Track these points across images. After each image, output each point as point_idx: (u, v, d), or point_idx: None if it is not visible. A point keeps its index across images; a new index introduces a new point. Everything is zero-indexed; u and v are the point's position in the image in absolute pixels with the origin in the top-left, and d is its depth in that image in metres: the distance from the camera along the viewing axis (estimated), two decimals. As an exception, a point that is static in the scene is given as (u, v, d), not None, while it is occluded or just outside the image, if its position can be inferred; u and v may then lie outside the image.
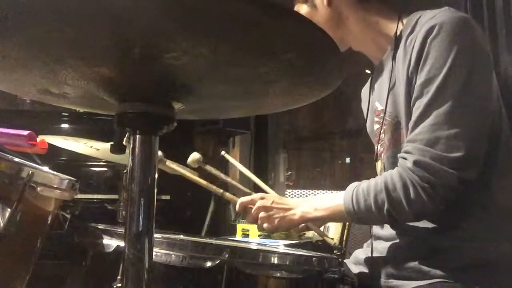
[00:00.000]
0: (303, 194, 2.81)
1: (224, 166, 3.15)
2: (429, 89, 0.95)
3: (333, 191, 2.26)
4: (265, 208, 1.15)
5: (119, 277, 0.77)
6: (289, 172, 3.32)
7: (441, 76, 0.94)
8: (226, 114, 1.20)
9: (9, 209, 0.85)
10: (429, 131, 0.94)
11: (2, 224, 0.84)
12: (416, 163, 0.94)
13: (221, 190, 1.24)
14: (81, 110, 0.83)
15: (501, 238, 1.00)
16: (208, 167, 1.34)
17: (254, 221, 1.18)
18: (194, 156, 1.31)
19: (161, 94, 0.62)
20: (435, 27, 0.96)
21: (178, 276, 0.85)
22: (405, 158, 0.97)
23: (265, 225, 1.15)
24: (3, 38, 0.50)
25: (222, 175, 1.34)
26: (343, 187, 1.10)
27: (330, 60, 0.58)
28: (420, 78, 0.97)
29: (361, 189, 1.02)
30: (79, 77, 0.60)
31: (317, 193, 2.73)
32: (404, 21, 1.09)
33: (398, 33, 1.08)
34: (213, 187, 1.24)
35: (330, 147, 3.08)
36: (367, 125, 1.28)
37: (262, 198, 1.18)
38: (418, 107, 0.97)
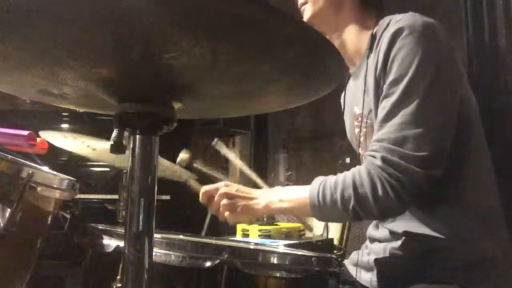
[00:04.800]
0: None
1: (224, 167, 3.15)
2: (396, 89, 0.97)
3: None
4: (228, 195, 1.13)
5: (119, 277, 0.77)
6: (289, 172, 3.32)
7: (407, 76, 0.96)
8: (226, 114, 1.20)
9: (9, 209, 0.85)
10: (396, 130, 0.95)
11: (2, 224, 0.84)
12: (384, 161, 0.94)
13: (185, 177, 1.21)
14: (81, 110, 0.83)
15: (493, 238, 1.01)
16: (199, 165, 1.32)
17: (217, 209, 1.14)
18: (183, 155, 1.28)
19: (161, 94, 0.63)
20: (401, 29, 0.98)
21: (178, 276, 0.85)
22: (373, 156, 0.97)
23: (226, 213, 1.12)
24: (3, 39, 0.50)
25: (213, 172, 1.32)
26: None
27: (329, 59, 0.58)
28: (388, 79, 0.99)
29: (328, 184, 1.01)
30: (79, 78, 0.60)
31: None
32: (377, 26, 1.10)
33: (372, 37, 1.09)
34: (177, 174, 1.21)
35: (330, 147, 3.07)
36: (347, 130, 1.30)
37: (226, 186, 1.15)
38: (384, 107, 0.99)
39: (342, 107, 1.34)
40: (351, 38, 1.17)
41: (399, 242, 1.08)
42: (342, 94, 1.34)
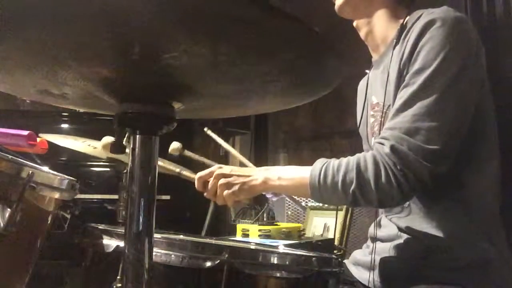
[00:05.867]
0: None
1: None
2: (417, 79, 0.96)
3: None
4: (224, 175, 1.11)
5: (119, 277, 0.77)
6: (289, 172, 3.32)
7: (431, 68, 0.95)
8: (226, 114, 1.20)
9: (9, 209, 0.85)
10: (410, 120, 0.94)
11: (2, 224, 0.84)
12: (392, 149, 0.93)
13: (178, 169, 1.17)
14: (81, 110, 0.83)
15: (494, 240, 1.01)
16: (189, 153, 1.31)
17: (214, 192, 1.12)
18: (174, 145, 1.26)
19: (161, 94, 0.63)
20: (433, 21, 0.96)
21: (178, 276, 0.85)
22: (382, 144, 0.96)
23: (225, 192, 1.10)
24: (3, 40, 0.50)
25: (205, 159, 1.31)
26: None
27: (329, 59, 0.58)
28: (411, 69, 0.98)
29: (331, 165, 0.99)
30: (79, 78, 0.60)
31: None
32: (408, 17, 1.09)
33: (401, 28, 1.07)
34: (170, 168, 1.19)
35: (330, 147, 3.07)
36: (360, 119, 1.28)
37: (220, 168, 1.14)
38: (402, 96, 0.97)
39: (359, 95, 1.33)
40: (380, 26, 1.15)
41: (400, 242, 1.08)
42: (360, 82, 1.33)
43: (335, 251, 1.74)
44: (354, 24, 1.20)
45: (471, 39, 0.98)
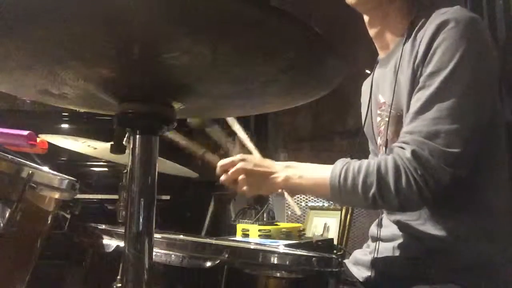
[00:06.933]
0: (303, 194, 2.80)
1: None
2: (433, 82, 0.95)
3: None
4: (246, 171, 1.10)
5: (119, 277, 0.77)
6: (289, 172, 3.32)
7: (447, 69, 0.94)
8: (226, 114, 1.20)
9: (9, 209, 0.85)
10: (429, 124, 0.93)
11: (2, 224, 0.84)
12: (414, 154, 0.93)
13: (203, 150, 1.16)
14: (81, 110, 0.83)
15: (497, 241, 1.00)
16: (211, 132, 1.25)
17: (233, 182, 1.12)
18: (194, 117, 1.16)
19: (161, 94, 0.63)
20: (446, 21, 0.95)
21: (178, 276, 0.85)
22: (402, 148, 0.96)
23: (245, 187, 1.10)
24: (3, 39, 0.50)
25: (224, 140, 1.26)
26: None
27: (329, 59, 0.58)
28: (426, 71, 0.97)
29: (352, 167, 0.99)
30: (79, 78, 0.60)
31: (317, 193, 2.71)
32: (419, 14, 1.07)
33: (410, 25, 1.06)
34: (194, 146, 1.17)
35: (330, 147, 3.07)
36: (365, 119, 1.27)
37: (242, 160, 1.12)
38: (419, 98, 0.96)
39: (363, 94, 1.30)
40: (393, 23, 1.12)
41: (402, 242, 1.08)
42: (365, 81, 1.31)
43: (335, 251, 1.74)
44: (366, 19, 1.16)
45: (485, 40, 0.98)
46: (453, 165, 0.92)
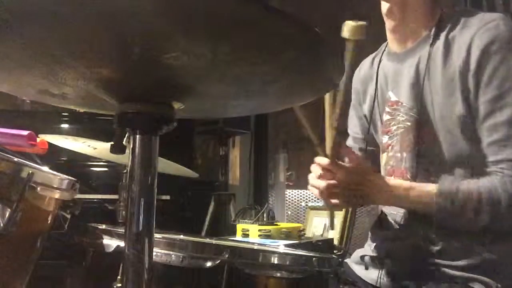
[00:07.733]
0: (303, 194, 2.81)
1: (224, 167, 3.15)
2: (505, 105, 0.94)
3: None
4: (350, 189, 1.06)
5: (119, 277, 0.77)
6: (289, 172, 3.32)
7: None
8: (226, 114, 1.20)
9: (9, 209, 0.85)
10: None
11: (2, 224, 0.84)
12: None
13: (318, 141, 1.10)
14: (81, 110, 0.83)
15: (500, 241, 1.00)
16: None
17: (325, 193, 1.06)
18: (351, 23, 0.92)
19: (161, 94, 0.62)
20: (495, 41, 0.95)
21: (178, 276, 0.85)
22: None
23: (334, 200, 1.06)
24: (3, 39, 0.50)
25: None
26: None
27: (329, 59, 0.58)
28: (488, 92, 0.95)
29: (461, 190, 0.97)
30: (79, 78, 0.60)
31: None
32: (445, 12, 1.05)
33: (438, 25, 1.04)
34: (313, 134, 1.10)
35: (330, 147, 3.08)
36: (365, 108, 1.25)
37: (348, 174, 1.05)
38: (496, 124, 0.95)
39: (361, 82, 1.26)
40: (415, 16, 1.07)
41: (405, 241, 1.08)
42: (362, 65, 1.27)
43: (335, 251, 1.75)
44: (384, 11, 1.11)
45: None
46: None
